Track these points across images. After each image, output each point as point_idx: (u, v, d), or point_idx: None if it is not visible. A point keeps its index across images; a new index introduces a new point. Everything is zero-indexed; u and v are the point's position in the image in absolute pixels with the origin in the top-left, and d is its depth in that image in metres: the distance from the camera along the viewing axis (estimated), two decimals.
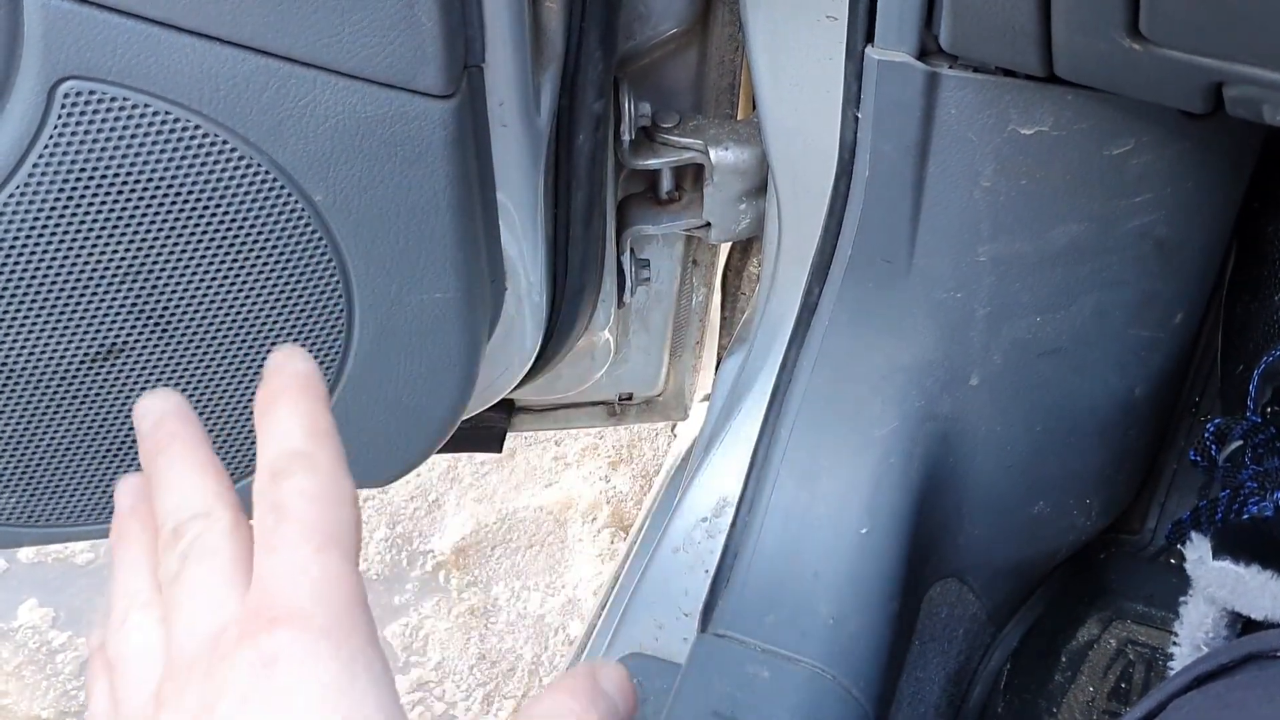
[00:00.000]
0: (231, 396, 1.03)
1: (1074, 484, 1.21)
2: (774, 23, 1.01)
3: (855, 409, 1.11)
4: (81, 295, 0.93)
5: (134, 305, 0.95)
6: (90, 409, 1.01)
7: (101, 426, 1.02)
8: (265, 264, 0.95)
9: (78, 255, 0.91)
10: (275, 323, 0.99)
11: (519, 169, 1.05)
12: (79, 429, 1.02)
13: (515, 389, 1.25)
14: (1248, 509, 1.10)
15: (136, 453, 1.04)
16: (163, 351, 0.98)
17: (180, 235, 0.92)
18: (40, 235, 0.89)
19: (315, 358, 1.01)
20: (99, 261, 0.92)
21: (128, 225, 0.90)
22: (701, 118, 1.22)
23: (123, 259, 0.92)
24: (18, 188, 0.87)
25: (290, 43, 0.86)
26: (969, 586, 1.21)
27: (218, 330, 0.98)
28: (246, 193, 0.91)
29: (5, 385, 0.97)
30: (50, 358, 0.96)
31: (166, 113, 0.86)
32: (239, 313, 0.97)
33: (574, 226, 1.15)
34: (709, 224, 1.26)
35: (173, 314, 0.96)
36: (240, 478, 1.09)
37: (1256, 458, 1.14)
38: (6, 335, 0.94)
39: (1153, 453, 1.33)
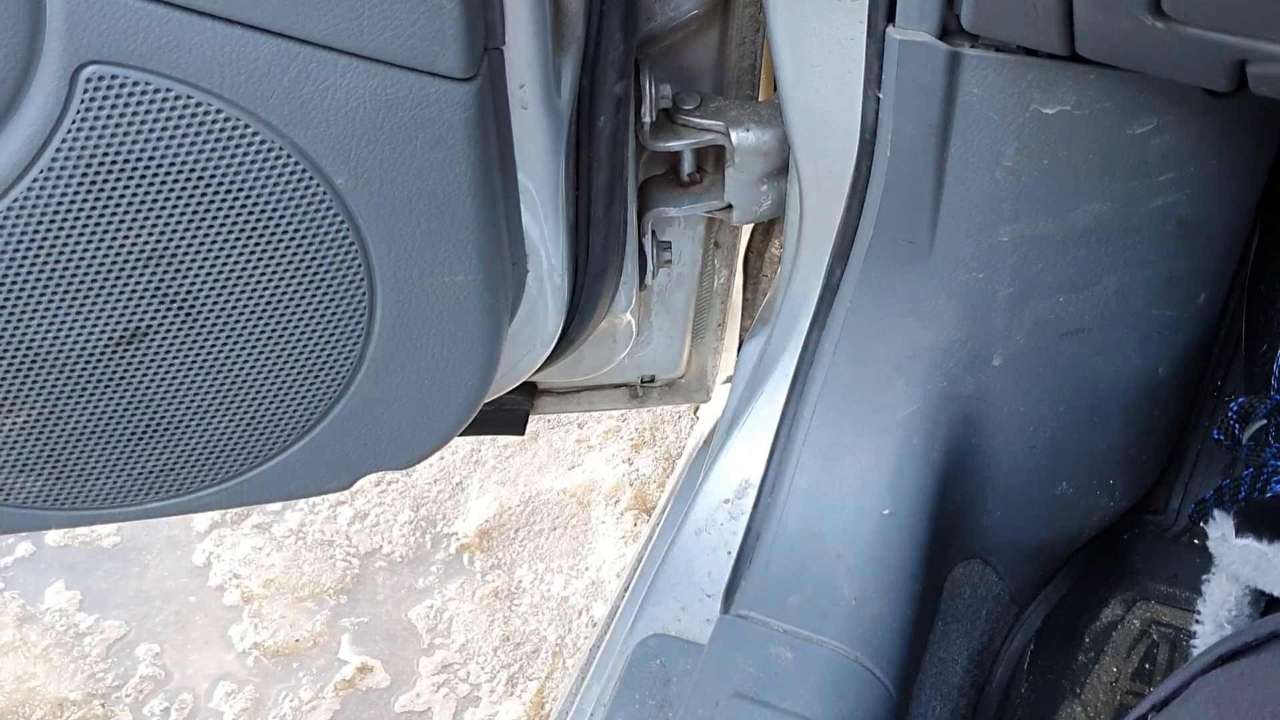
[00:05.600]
0: (254, 379, 1.03)
1: (1098, 464, 1.20)
2: (794, 3, 1.01)
3: (877, 390, 1.11)
4: (105, 280, 0.94)
5: (157, 290, 0.95)
6: (115, 393, 1.01)
7: (126, 410, 1.03)
8: (287, 247, 0.95)
9: (101, 240, 0.91)
10: (297, 306, 0.99)
11: (540, 151, 1.05)
12: (104, 413, 1.02)
13: (537, 371, 1.25)
14: (1271, 487, 1.10)
15: (161, 436, 1.06)
16: (186, 335, 0.99)
17: (203, 219, 0.92)
18: (64, 220, 0.90)
19: (337, 341, 1.02)
20: (122, 246, 0.92)
21: (150, 209, 0.91)
22: (722, 99, 1.22)
23: (145, 243, 0.92)
24: (41, 172, 0.87)
25: (311, 26, 0.86)
26: (992, 567, 1.21)
27: (241, 314, 0.98)
28: (268, 176, 0.91)
29: (31, 371, 0.98)
30: (75, 342, 0.97)
31: (188, 97, 0.87)
32: (262, 296, 0.98)
33: (595, 209, 1.15)
34: (730, 206, 1.26)
35: (196, 298, 0.97)
36: (261, 462, 1.10)
37: None
38: (32, 320, 0.95)
39: (1176, 433, 1.32)
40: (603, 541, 2.22)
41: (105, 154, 0.87)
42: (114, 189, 0.89)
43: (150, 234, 0.92)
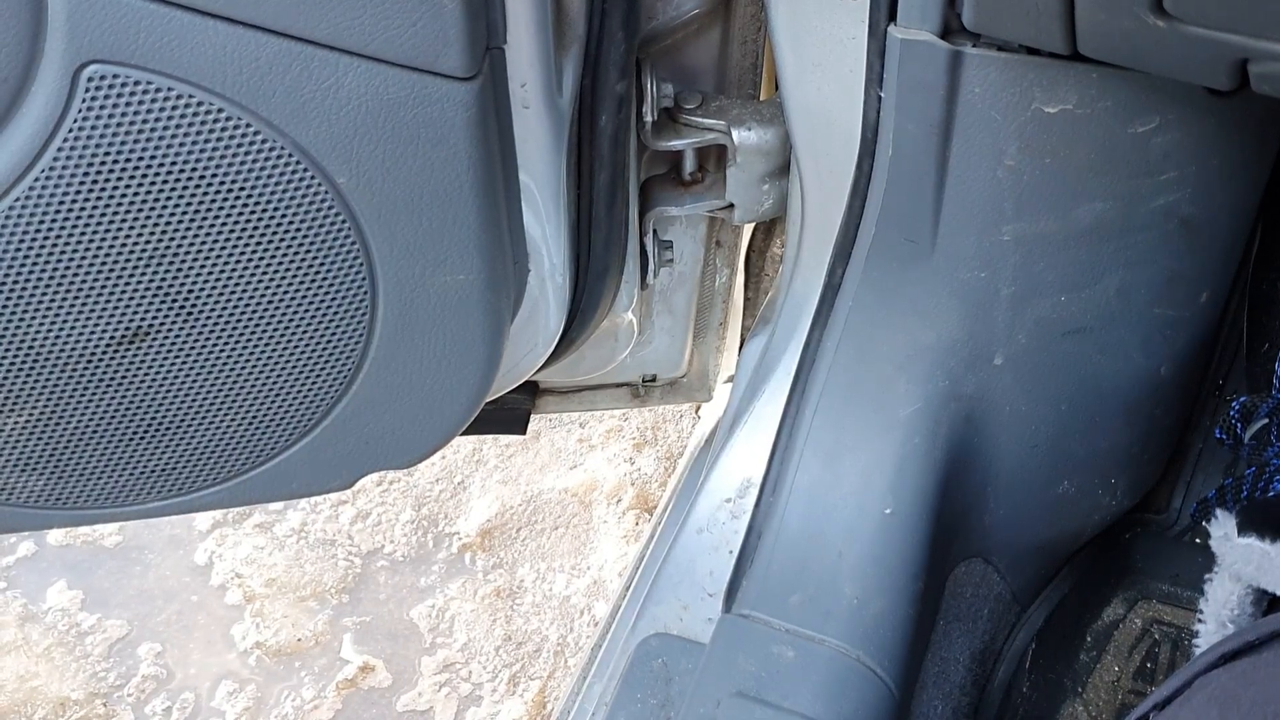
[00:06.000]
0: (256, 379, 1.03)
1: (1099, 463, 1.20)
2: (796, 3, 1.01)
3: (879, 389, 1.11)
4: (107, 280, 0.94)
5: (159, 289, 0.95)
6: (116, 393, 1.01)
7: (128, 410, 1.03)
8: (289, 246, 0.95)
9: (103, 239, 0.91)
10: (299, 305, 0.99)
11: (541, 150, 1.05)
12: (105, 413, 1.02)
13: (539, 371, 1.25)
14: (1273, 486, 1.10)
15: (162, 436, 1.06)
16: (187, 335, 0.99)
17: (204, 219, 0.92)
18: (65, 220, 0.90)
19: (339, 340, 1.02)
20: (124, 245, 0.92)
21: (151, 209, 0.91)
22: (724, 98, 1.22)
23: (147, 243, 0.92)
24: (43, 172, 0.87)
25: (313, 25, 0.86)
26: (994, 566, 1.21)
27: (242, 313, 0.98)
28: (270, 176, 0.91)
29: (32, 370, 0.98)
30: (76, 342, 0.97)
31: (190, 96, 0.87)
32: (263, 296, 0.98)
33: (597, 208, 1.15)
34: (732, 205, 1.26)
35: (197, 298, 0.97)
36: (263, 461, 1.10)
37: None
38: (33, 320, 0.95)
39: (1179, 432, 1.32)
40: (604, 541, 2.22)
41: (107, 153, 0.87)
42: (115, 188, 0.89)
43: (151, 233, 0.92)
